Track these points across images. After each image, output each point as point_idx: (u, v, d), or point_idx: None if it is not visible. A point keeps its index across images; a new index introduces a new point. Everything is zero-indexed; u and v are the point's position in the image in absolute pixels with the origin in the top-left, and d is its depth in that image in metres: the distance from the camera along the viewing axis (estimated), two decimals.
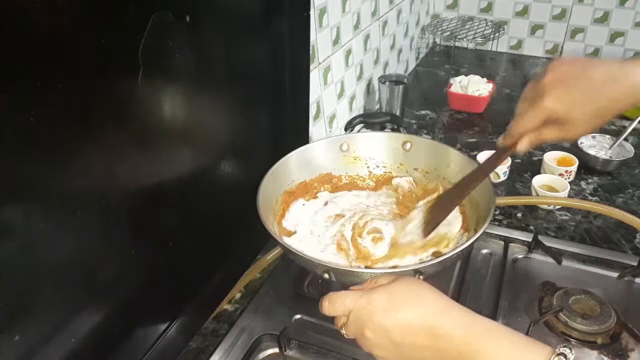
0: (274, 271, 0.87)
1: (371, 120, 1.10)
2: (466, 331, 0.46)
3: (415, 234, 0.70)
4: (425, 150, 0.86)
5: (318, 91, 1.08)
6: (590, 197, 1.07)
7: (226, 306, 0.82)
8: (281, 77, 0.83)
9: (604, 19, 1.65)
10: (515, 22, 1.77)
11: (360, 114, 1.15)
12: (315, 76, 1.04)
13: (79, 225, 0.51)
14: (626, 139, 1.15)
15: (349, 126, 1.09)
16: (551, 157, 1.12)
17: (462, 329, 0.46)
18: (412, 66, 1.75)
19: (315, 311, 0.55)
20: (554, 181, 1.05)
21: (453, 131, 1.35)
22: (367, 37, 1.29)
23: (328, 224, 0.80)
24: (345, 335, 0.53)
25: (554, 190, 1.03)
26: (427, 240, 0.71)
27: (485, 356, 0.44)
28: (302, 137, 0.93)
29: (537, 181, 1.05)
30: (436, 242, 0.73)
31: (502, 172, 1.10)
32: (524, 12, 1.75)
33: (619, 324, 0.73)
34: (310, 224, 0.80)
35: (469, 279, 0.83)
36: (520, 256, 0.89)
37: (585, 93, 0.56)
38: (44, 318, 0.50)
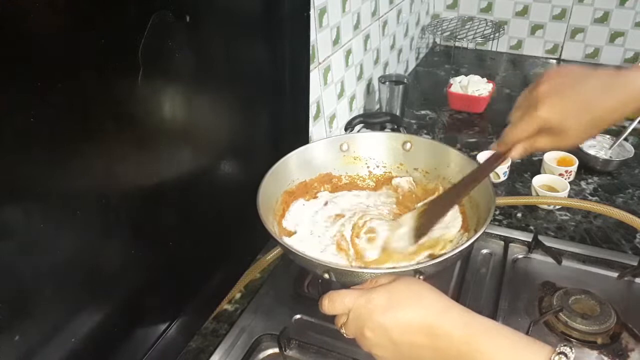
0: (274, 271, 0.87)
1: (371, 120, 1.10)
2: (466, 331, 0.46)
3: (406, 239, 0.69)
4: (425, 150, 0.86)
5: (318, 91, 1.08)
6: (590, 197, 1.07)
7: (226, 306, 0.82)
8: (281, 77, 0.83)
9: (604, 19, 1.65)
10: (515, 22, 1.77)
11: (360, 114, 1.15)
12: (315, 76, 1.04)
13: (79, 225, 0.51)
14: (626, 139, 1.15)
15: (349, 126, 1.09)
16: (551, 157, 1.12)
17: (462, 328, 0.46)
18: (412, 66, 1.75)
19: (315, 311, 0.55)
20: (554, 181, 1.05)
21: (453, 131, 1.35)
22: (367, 37, 1.29)
23: (328, 224, 0.80)
24: (345, 335, 0.53)
25: (554, 190, 1.03)
26: (419, 245, 0.70)
27: (485, 355, 0.44)
28: (302, 137, 0.93)
29: (537, 181, 1.05)
30: (430, 245, 0.72)
31: (502, 172, 1.10)
32: (524, 12, 1.74)
33: (619, 324, 0.73)
34: (310, 224, 0.80)
35: (469, 279, 0.83)
36: (520, 256, 0.89)
37: (579, 104, 0.56)
38: (44, 318, 0.50)
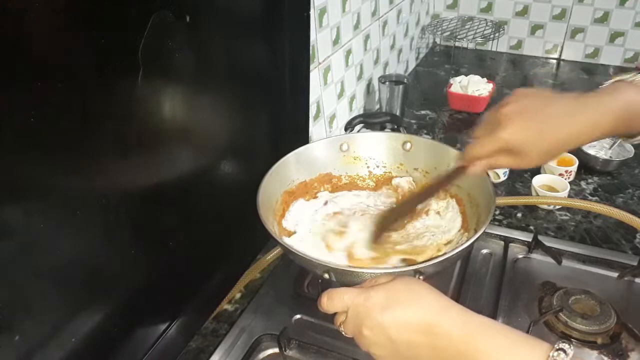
0: (274, 271, 0.87)
1: (371, 120, 1.10)
2: (464, 330, 0.46)
3: (366, 244, 0.74)
4: (425, 150, 0.86)
5: (318, 91, 1.08)
6: (590, 197, 1.07)
7: (226, 306, 0.82)
8: (281, 77, 0.83)
9: (604, 19, 1.65)
10: (515, 22, 1.77)
11: (360, 114, 1.14)
12: (315, 76, 1.04)
13: (79, 225, 0.51)
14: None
15: (349, 126, 1.09)
16: None
17: (461, 327, 0.46)
18: (412, 66, 1.75)
19: (315, 311, 0.55)
20: (554, 181, 1.05)
21: (453, 131, 1.35)
22: (367, 37, 1.29)
23: (326, 222, 0.80)
24: (344, 334, 0.53)
25: (554, 190, 1.03)
26: (397, 247, 0.74)
27: (483, 354, 0.44)
28: (302, 137, 0.93)
29: (537, 181, 1.05)
30: (409, 251, 0.73)
31: (502, 172, 1.10)
32: (524, 12, 1.75)
33: (619, 324, 0.73)
34: (309, 222, 0.80)
35: (469, 279, 0.83)
36: (520, 256, 0.89)
37: (540, 128, 0.57)
38: (44, 318, 0.50)
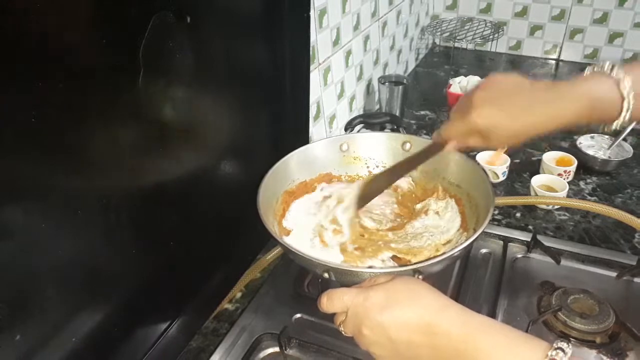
0: (274, 271, 0.87)
1: (371, 120, 1.11)
2: (463, 329, 0.46)
3: (351, 207, 0.78)
4: None
5: (318, 91, 1.08)
6: (589, 197, 1.07)
7: (227, 305, 0.82)
8: (281, 77, 0.83)
9: (603, 19, 1.65)
10: (515, 23, 1.77)
11: (360, 114, 1.15)
12: (315, 76, 1.04)
13: (79, 225, 0.51)
14: (625, 139, 1.15)
15: (348, 126, 1.10)
16: (550, 157, 1.12)
17: (460, 327, 0.46)
18: (411, 67, 1.76)
19: (315, 310, 0.55)
20: (552, 181, 1.05)
21: None
22: (367, 38, 1.30)
23: (316, 211, 0.81)
24: (344, 333, 0.53)
25: (552, 190, 1.03)
26: (395, 245, 0.75)
27: (482, 353, 0.44)
28: (302, 137, 0.93)
29: (536, 181, 1.05)
30: (406, 251, 0.73)
31: (501, 172, 1.10)
32: (523, 13, 1.75)
33: (618, 323, 0.73)
34: (304, 215, 0.81)
35: (468, 279, 0.83)
36: (519, 256, 0.89)
37: (508, 114, 0.60)
38: (44, 318, 0.50)
